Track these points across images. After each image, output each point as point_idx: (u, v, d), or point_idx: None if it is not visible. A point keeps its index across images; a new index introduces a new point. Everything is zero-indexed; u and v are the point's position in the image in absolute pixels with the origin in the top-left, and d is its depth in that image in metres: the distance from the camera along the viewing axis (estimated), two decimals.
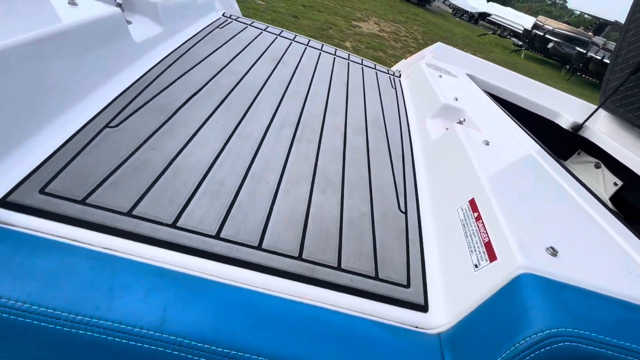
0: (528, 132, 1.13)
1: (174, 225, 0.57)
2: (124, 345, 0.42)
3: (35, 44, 0.61)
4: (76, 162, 0.61)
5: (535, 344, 0.42)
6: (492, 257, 0.56)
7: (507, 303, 0.49)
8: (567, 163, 1.81)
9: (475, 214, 0.66)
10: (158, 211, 0.58)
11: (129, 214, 0.56)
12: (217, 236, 0.58)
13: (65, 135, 0.65)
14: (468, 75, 1.63)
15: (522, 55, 12.43)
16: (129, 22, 0.99)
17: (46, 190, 0.55)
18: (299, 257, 0.60)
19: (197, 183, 0.66)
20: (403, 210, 0.81)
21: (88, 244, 0.50)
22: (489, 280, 0.54)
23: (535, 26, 12.57)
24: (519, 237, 0.56)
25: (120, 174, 0.62)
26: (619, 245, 0.65)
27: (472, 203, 0.69)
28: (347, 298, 0.57)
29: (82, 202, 0.55)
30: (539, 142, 1.07)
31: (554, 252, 0.55)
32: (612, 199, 1.54)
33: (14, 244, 0.46)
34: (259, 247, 0.59)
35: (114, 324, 0.42)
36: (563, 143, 1.78)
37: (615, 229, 0.69)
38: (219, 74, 1.05)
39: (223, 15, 1.53)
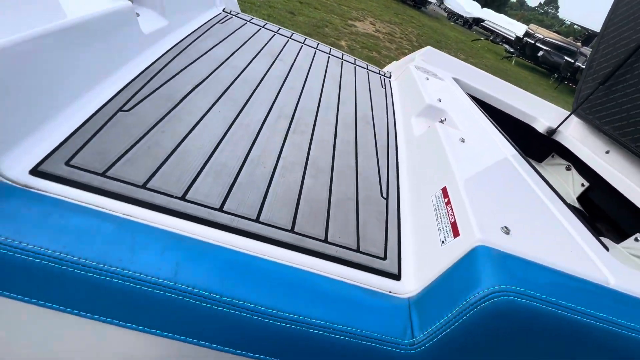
0: (503, 132, 1.24)
1: (183, 198, 0.65)
2: (143, 292, 0.50)
3: (60, 33, 0.68)
4: (95, 140, 0.68)
5: (482, 298, 0.52)
6: (456, 234, 0.66)
7: (464, 269, 0.59)
8: (542, 164, 1.94)
9: (446, 200, 0.76)
10: (169, 186, 0.66)
11: (143, 186, 0.64)
12: (220, 209, 0.66)
13: (84, 116, 0.72)
14: (454, 78, 1.74)
15: (513, 62, 12.72)
16: (138, 15, 1.06)
17: (71, 163, 0.62)
18: (292, 230, 0.69)
19: (202, 164, 0.74)
20: (385, 196, 0.90)
21: (110, 210, 0.58)
22: (452, 253, 0.64)
23: (527, 34, 12.87)
24: (479, 218, 0.66)
25: (134, 153, 0.70)
26: (565, 229, 0.76)
27: (444, 190, 0.79)
28: (331, 265, 0.66)
29: (103, 174, 0.63)
30: (511, 141, 1.18)
31: (507, 230, 0.65)
32: (579, 198, 1.67)
33: (48, 206, 0.54)
34: (256, 220, 0.67)
35: (136, 274, 0.50)
36: (541, 146, 1.91)
37: (564, 217, 0.80)
38: (220, 67, 1.13)
39: (223, 10, 1.60)
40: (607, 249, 0.76)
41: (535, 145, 1.89)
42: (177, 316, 0.52)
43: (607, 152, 1.57)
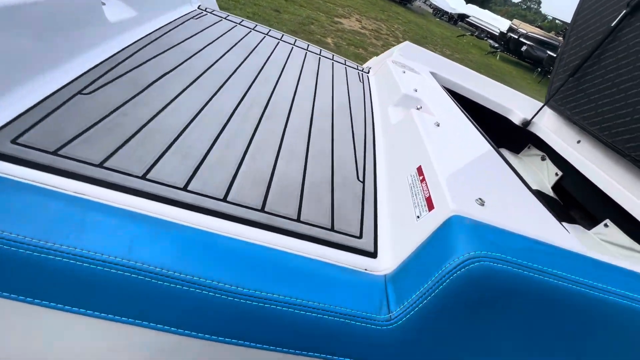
0: (477, 125, 1.27)
1: (144, 177, 0.62)
2: (92, 270, 0.47)
3: (13, 10, 0.65)
4: (47, 121, 0.65)
5: (457, 265, 0.52)
6: (430, 207, 0.66)
7: (439, 240, 0.59)
8: (519, 156, 1.99)
9: (421, 177, 0.77)
10: (129, 165, 0.63)
11: (100, 165, 0.61)
12: (184, 188, 0.64)
13: (37, 98, 0.69)
14: (431, 72, 1.76)
15: (498, 57, 12.91)
16: (103, 3, 1.04)
17: (18, 141, 0.59)
18: (262, 210, 0.66)
19: (167, 145, 0.71)
20: (361, 179, 0.90)
21: (59, 188, 0.55)
22: (428, 226, 0.63)
23: (511, 29, 13.08)
24: (453, 191, 0.66)
25: (92, 133, 0.66)
26: (537, 202, 0.77)
27: (419, 169, 0.79)
28: (304, 244, 0.64)
29: (53, 153, 0.59)
30: (484, 134, 1.20)
31: (482, 202, 0.65)
32: (554, 187, 1.72)
33: None
34: (224, 200, 0.65)
35: (83, 251, 0.47)
36: (517, 137, 1.95)
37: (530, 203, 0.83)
38: (191, 58, 1.10)
39: (198, 7, 1.58)
40: (568, 232, 0.79)
41: (512, 137, 1.93)
42: (130, 297, 0.49)
43: (579, 141, 1.61)
